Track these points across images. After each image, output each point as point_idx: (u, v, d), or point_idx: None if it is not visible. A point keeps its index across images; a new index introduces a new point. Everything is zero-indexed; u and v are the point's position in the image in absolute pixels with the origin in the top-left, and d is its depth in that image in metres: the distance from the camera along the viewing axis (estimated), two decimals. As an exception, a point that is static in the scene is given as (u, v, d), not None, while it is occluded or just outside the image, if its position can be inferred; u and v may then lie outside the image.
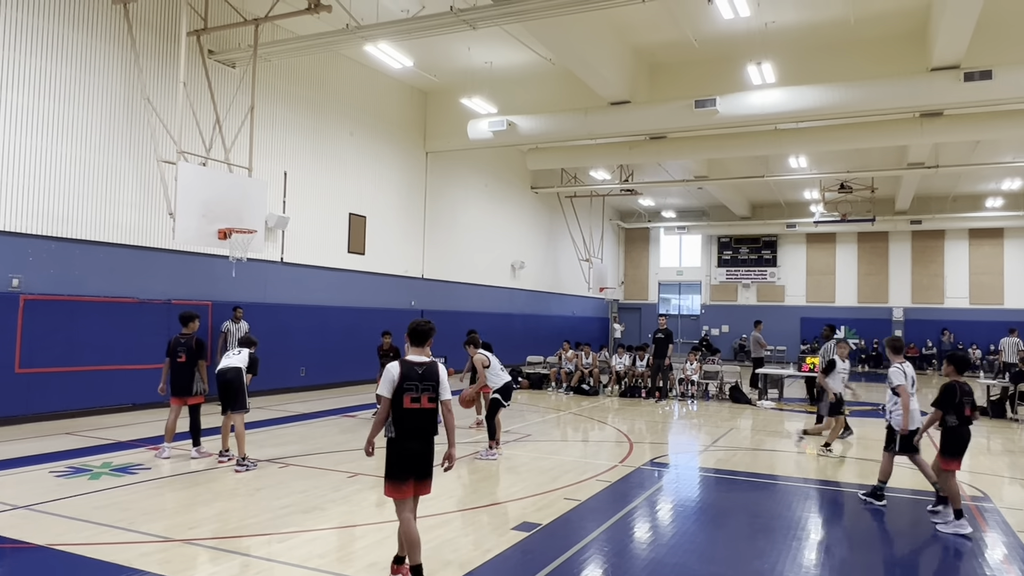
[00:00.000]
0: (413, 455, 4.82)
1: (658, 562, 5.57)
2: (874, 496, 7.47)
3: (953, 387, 6.74)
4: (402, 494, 4.82)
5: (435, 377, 4.89)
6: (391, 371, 4.82)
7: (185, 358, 8.81)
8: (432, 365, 4.92)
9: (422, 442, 4.85)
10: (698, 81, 16.82)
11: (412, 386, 4.80)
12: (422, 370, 4.86)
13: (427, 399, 4.83)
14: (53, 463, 8.36)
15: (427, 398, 4.83)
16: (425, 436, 4.87)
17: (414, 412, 4.80)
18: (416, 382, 4.81)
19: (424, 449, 4.87)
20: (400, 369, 4.82)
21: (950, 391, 6.73)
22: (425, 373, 4.86)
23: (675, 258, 36.30)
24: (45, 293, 11.41)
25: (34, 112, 11.33)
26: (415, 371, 4.84)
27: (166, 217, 12.21)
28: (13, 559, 5.38)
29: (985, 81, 13.74)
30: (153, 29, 13.13)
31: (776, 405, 15.91)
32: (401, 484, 4.81)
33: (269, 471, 8.25)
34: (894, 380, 7.37)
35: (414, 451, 4.82)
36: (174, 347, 8.88)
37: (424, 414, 4.83)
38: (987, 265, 30.46)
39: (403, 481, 4.81)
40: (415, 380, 4.81)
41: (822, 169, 24.17)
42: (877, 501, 7.41)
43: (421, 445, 4.85)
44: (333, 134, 17.41)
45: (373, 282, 18.66)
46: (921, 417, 7.43)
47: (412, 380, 4.80)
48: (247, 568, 5.19)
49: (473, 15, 12.01)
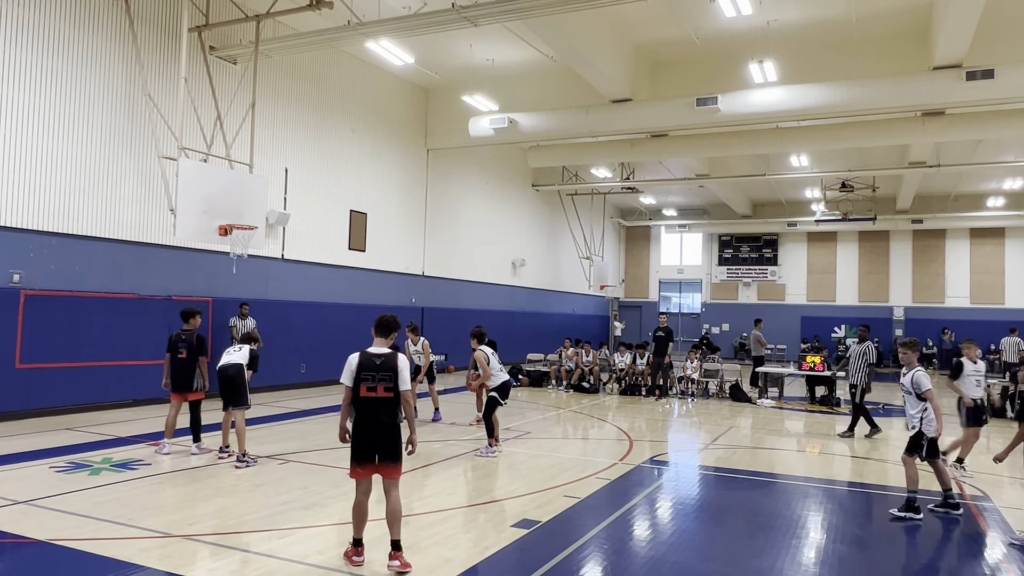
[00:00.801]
0: (372, 440, 5.12)
1: (657, 560, 5.58)
2: (911, 509, 6.89)
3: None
4: (361, 475, 5.18)
5: (393, 368, 5.16)
6: (351, 361, 5.18)
7: (186, 354, 8.79)
8: (391, 356, 5.20)
9: (379, 428, 5.13)
10: (700, 79, 16.80)
11: (369, 376, 5.13)
12: (380, 361, 5.17)
13: (383, 388, 5.13)
14: (53, 458, 8.37)
15: (383, 387, 5.13)
16: (382, 423, 5.13)
17: (370, 400, 5.12)
18: (373, 372, 5.14)
19: (382, 434, 5.13)
20: (359, 360, 5.17)
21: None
22: (383, 364, 5.16)
23: (676, 256, 36.28)
24: (46, 289, 11.42)
25: (35, 108, 11.33)
26: (373, 362, 5.17)
27: (167, 213, 12.22)
28: (13, 554, 5.39)
29: (987, 80, 13.72)
30: (154, 25, 13.12)
31: (776, 404, 15.91)
32: (361, 466, 5.15)
33: (269, 467, 8.25)
34: (924, 385, 7.05)
35: (372, 436, 5.12)
36: (175, 343, 8.87)
37: (380, 402, 5.13)
38: (988, 264, 30.43)
39: (363, 463, 5.14)
40: (372, 371, 5.14)
41: (823, 168, 24.15)
42: (916, 514, 6.85)
43: (379, 431, 5.13)
44: (334, 131, 17.40)
45: (374, 279, 18.66)
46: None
47: (369, 371, 5.14)
48: (247, 564, 5.20)
49: (475, 12, 12.00)
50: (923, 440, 7.05)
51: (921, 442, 7.05)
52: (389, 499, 5.20)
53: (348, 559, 5.22)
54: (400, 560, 5.08)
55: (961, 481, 8.49)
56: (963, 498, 7.59)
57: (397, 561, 5.08)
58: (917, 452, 7.07)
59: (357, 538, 5.25)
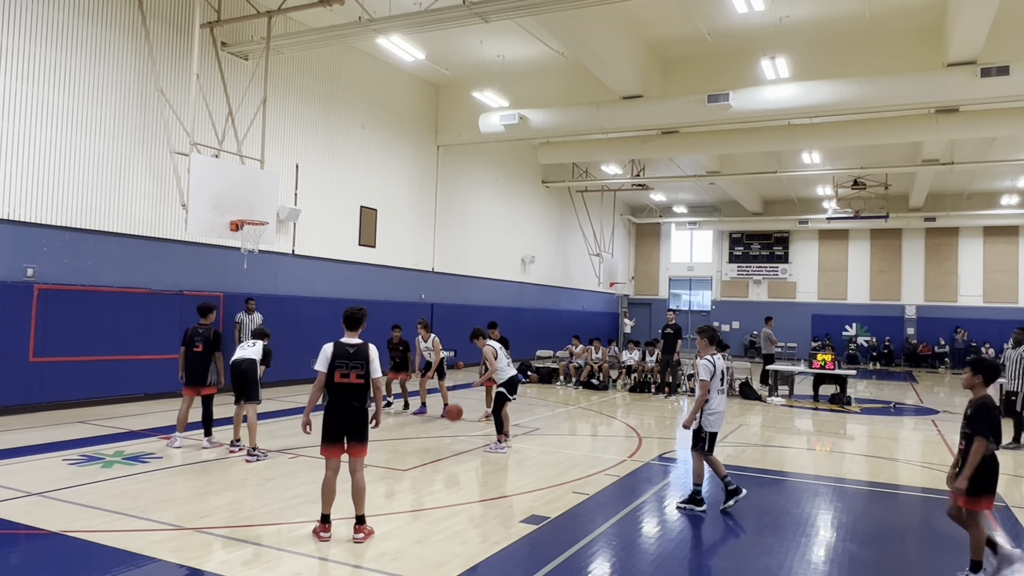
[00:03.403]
0: (343, 422, 5.58)
1: (666, 556, 5.57)
2: (693, 501, 6.84)
3: (990, 406, 5.10)
4: (331, 454, 5.62)
5: (364, 357, 5.65)
6: (325, 350, 5.65)
7: (202, 348, 8.84)
8: (363, 347, 5.69)
9: (349, 411, 5.59)
10: (711, 76, 16.74)
11: (342, 364, 5.59)
12: (353, 350, 5.65)
13: (355, 375, 5.60)
14: (67, 451, 8.44)
15: (355, 374, 5.60)
16: (352, 406, 5.59)
17: (343, 386, 5.59)
18: (346, 360, 5.60)
19: (351, 417, 5.59)
20: (333, 349, 5.64)
21: (990, 412, 5.05)
22: (355, 353, 5.64)
23: (686, 253, 36.17)
24: (59, 283, 11.51)
25: (49, 104, 11.41)
26: (347, 351, 5.64)
27: (179, 208, 12.30)
28: (27, 545, 5.45)
29: (1002, 77, 13.59)
30: (166, 21, 13.18)
31: (786, 402, 15.85)
32: (332, 445, 5.61)
33: (280, 461, 8.30)
34: (700, 374, 6.84)
35: (343, 418, 5.58)
36: (191, 336, 8.91)
37: (352, 388, 5.59)
38: (1002, 263, 30.17)
39: (333, 443, 5.60)
40: (346, 359, 5.61)
41: (835, 165, 24.00)
42: (698, 507, 6.80)
43: (348, 414, 5.59)
44: (345, 127, 17.44)
45: (384, 275, 18.70)
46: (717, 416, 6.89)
47: (343, 359, 5.60)
48: (258, 557, 5.23)
49: (485, 8, 11.99)
50: (703, 434, 6.88)
51: (702, 436, 6.88)
52: (354, 478, 5.62)
53: (316, 535, 5.56)
54: (364, 531, 5.56)
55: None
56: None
57: (361, 533, 5.55)
58: (699, 448, 6.90)
59: (325, 514, 5.60)
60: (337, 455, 5.63)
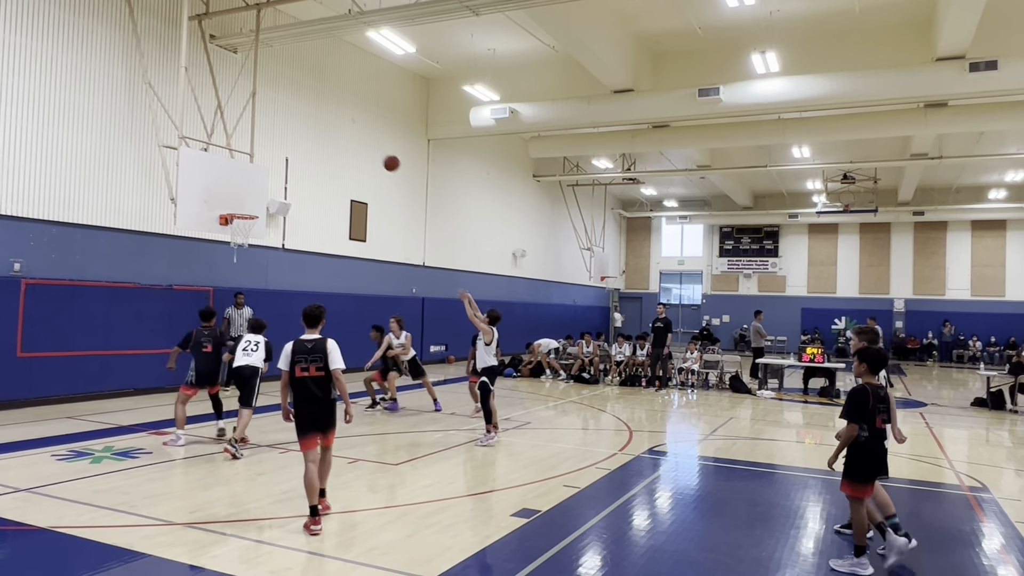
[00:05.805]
0: (310, 414, 5.82)
1: (657, 549, 5.60)
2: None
3: (864, 392, 5.39)
4: (307, 446, 5.81)
5: (322, 350, 5.89)
6: (285, 349, 5.93)
7: (211, 348, 8.94)
8: (320, 341, 5.95)
9: (314, 403, 5.82)
10: (702, 70, 16.75)
11: (301, 358, 5.86)
12: (311, 345, 5.92)
13: (315, 368, 5.84)
14: (55, 447, 8.39)
15: (315, 367, 5.85)
16: (316, 398, 5.82)
17: (303, 379, 5.83)
18: (305, 355, 5.87)
19: (317, 408, 5.83)
20: (292, 346, 5.91)
21: (860, 399, 5.37)
22: (313, 348, 5.91)
23: (677, 247, 36.25)
24: (46, 277, 11.42)
25: (35, 96, 11.30)
26: (305, 346, 5.92)
27: (167, 202, 12.20)
28: (15, 541, 5.42)
29: (991, 71, 13.68)
30: (154, 13, 13.06)
31: (776, 395, 15.94)
32: (305, 437, 5.81)
33: (270, 456, 8.28)
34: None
35: (310, 410, 5.82)
36: (197, 338, 8.93)
37: (313, 380, 5.83)
38: (989, 257, 30.41)
39: (307, 434, 5.81)
40: (304, 353, 5.88)
41: (825, 159, 24.10)
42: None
43: (314, 405, 5.82)
44: (335, 120, 17.35)
45: (374, 269, 18.65)
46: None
47: (301, 354, 5.88)
48: (248, 551, 5.22)
49: (476, 1, 11.95)
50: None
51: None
52: (323, 457, 5.98)
53: (307, 529, 5.60)
54: (322, 504, 5.95)
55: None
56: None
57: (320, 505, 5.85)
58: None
59: (313, 506, 5.70)
60: (313, 446, 5.83)
